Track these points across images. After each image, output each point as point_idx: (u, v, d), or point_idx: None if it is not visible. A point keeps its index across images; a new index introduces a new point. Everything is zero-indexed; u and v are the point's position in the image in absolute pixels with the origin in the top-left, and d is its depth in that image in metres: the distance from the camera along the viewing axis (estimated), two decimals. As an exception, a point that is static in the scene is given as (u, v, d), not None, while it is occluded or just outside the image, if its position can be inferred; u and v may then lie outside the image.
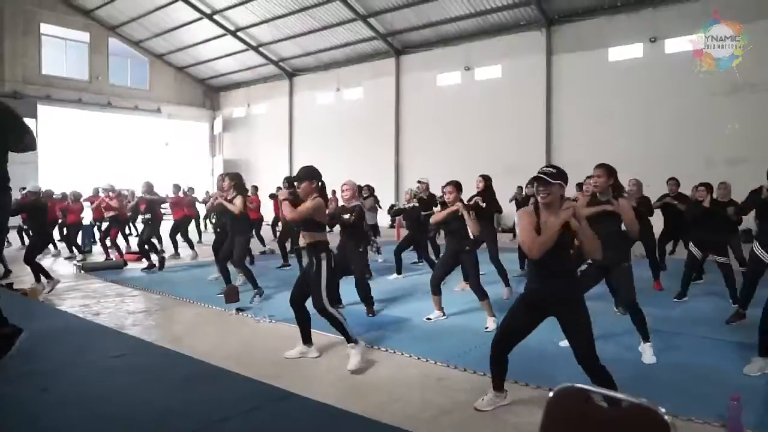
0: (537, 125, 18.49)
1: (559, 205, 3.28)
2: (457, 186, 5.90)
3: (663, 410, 1.36)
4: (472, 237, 5.81)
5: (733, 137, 14.69)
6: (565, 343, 4.91)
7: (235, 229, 7.17)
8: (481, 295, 5.76)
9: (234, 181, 7.29)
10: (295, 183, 4.74)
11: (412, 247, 9.63)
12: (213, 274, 8.71)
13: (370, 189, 11.07)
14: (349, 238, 6.32)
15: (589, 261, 4.74)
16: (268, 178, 19.63)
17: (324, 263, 4.51)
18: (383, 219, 14.40)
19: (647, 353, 4.56)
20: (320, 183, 4.67)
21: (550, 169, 3.33)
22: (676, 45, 16.14)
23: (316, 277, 4.51)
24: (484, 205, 7.39)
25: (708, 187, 6.83)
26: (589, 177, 5.24)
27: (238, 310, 6.42)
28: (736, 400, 3.20)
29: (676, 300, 6.99)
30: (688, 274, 7.04)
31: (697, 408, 3.51)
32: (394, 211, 10.09)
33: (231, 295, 6.43)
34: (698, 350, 4.95)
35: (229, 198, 7.15)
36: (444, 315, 6.09)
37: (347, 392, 3.97)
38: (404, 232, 10.06)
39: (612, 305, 6.07)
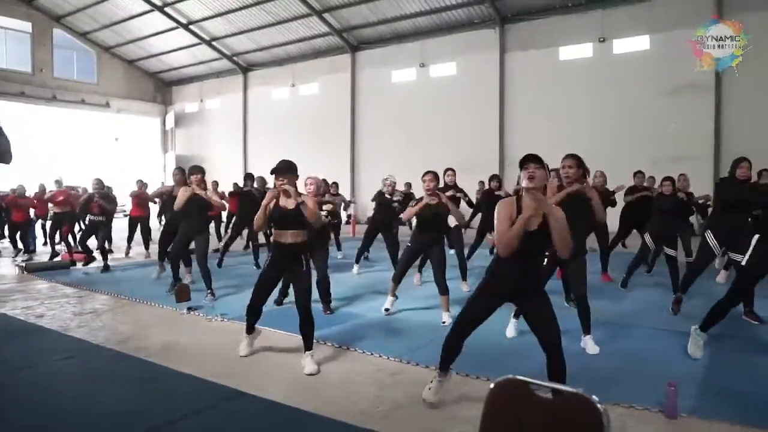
0: (491, 122, 18.78)
1: (541, 193, 3.28)
2: (436, 176, 5.91)
3: (596, 399, 1.41)
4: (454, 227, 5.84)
5: (677, 135, 15.26)
6: (513, 334, 5.03)
7: (196, 227, 6.98)
8: (443, 289, 5.78)
9: (201, 174, 6.98)
10: (280, 176, 4.44)
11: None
12: (156, 271, 8.53)
13: (336, 186, 11.06)
14: (315, 236, 6.25)
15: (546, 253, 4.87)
16: (222, 175, 19.29)
17: (311, 262, 4.45)
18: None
19: (590, 344, 4.69)
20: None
21: (536, 155, 3.31)
22: (623, 45, 16.69)
23: (306, 278, 4.43)
24: (461, 197, 7.53)
25: (671, 180, 7.13)
26: (554, 170, 5.31)
27: (190, 309, 6.30)
28: (673, 387, 3.34)
29: (621, 289, 7.25)
30: (635, 264, 7.28)
31: (639, 395, 3.65)
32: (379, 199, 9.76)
33: (182, 293, 6.30)
34: (643, 340, 5.12)
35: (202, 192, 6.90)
36: (396, 298, 6.14)
37: (301, 390, 3.95)
38: (359, 228, 10.03)
39: (562, 298, 6.23)
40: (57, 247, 11.14)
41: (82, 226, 14.59)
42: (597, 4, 16.84)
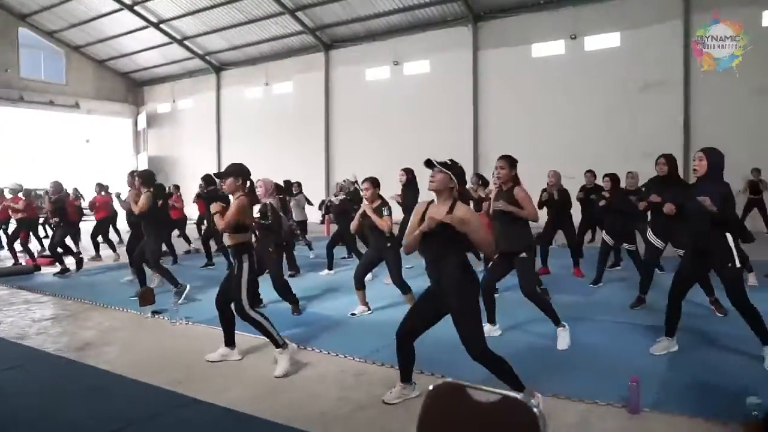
0: (465, 119, 18.80)
1: (449, 195, 3.34)
2: (373, 182, 5.87)
3: (534, 402, 1.36)
4: (388, 234, 5.79)
5: (647, 131, 15.42)
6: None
7: (146, 228, 6.88)
8: (404, 289, 5.78)
9: (141, 178, 6.98)
10: (222, 180, 4.58)
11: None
12: (127, 276, 8.34)
13: (299, 185, 10.96)
14: (262, 237, 6.16)
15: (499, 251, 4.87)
16: (195, 175, 18.99)
17: (245, 266, 4.36)
18: (315, 215, 14.27)
19: (560, 338, 4.67)
20: (248, 181, 4.52)
21: (445, 161, 3.38)
22: (594, 42, 16.83)
23: (237, 281, 4.37)
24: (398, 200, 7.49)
25: (611, 177, 7.32)
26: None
27: (154, 312, 6.15)
28: (635, 382, 3.33)
29: (592, 286, 7.29)
30: (601, 261, 7.33)
31: (603, 390, 3.64)
32: (324, 208, 10.01)
33: (146, 297, 6.15)
34: (610, 335, 5.14)
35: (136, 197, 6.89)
36: (369, 310, 6.06)
37: (263, 393, 3.87)
38: (335, 228, 9.97)
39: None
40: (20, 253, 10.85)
41: (48, 232, 14.34)
42: (568, 1, 16.93)
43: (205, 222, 10.97)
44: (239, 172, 4.46)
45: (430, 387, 1.55)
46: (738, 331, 4.36)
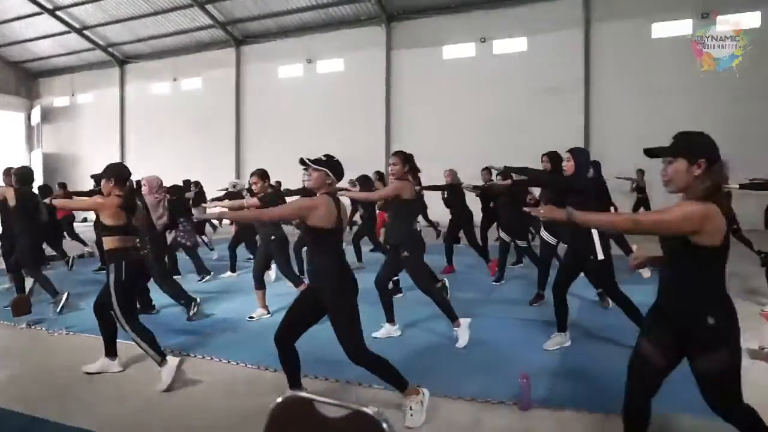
0: (378, 118, 18.87)
1: (323, 190, 3.25)
2: (261, 175, 5.68)
3: (383, 416, 1.23)
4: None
5: (550, 132, 16.04)
6: (378, 334, 4.89)
7: (19, 229, 6.29)
8: (295, 281, 5.88)
9: (16, 176, 6.36)
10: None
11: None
12: (4, 283, 7.60)
13: (197, 184, 10.57)
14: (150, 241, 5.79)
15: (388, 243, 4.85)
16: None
17: (112, 275, 4.00)
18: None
19: (462, 335, 4.66)
20: (123, 182, 4.17)
21: (320, 157, 3.29)
22: (502, 46, 17.36)
23: (107, 290, 4.02)
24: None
25: (488, 170, 7.70)
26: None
27: (30, 323, 5.61)
28: (525, 379, 3.33)
29: (494, 283, 7.41)
30: (501, 258, 7.48)
31: (497, 388, 3.62)
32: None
33: (20, 306, 5.59)
34: (508, 331, 5.18)
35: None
36: (268, 313, 5.83)
37: (141, 408, 3.57)
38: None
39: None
40: None
41: None
42: (479, 5, 17.38)
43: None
44: (111, 172, 4.18)
45: (278, 399, 1.40)
46: (623, 322, 4.50)
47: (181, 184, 10.22)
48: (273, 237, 5.77)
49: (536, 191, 7.08)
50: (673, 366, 2.32)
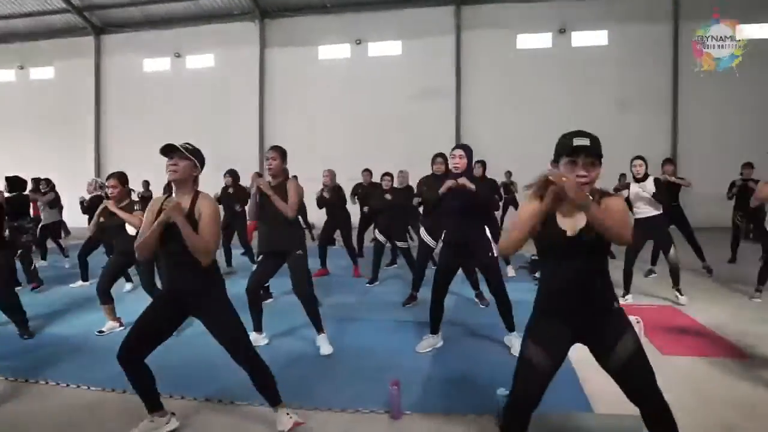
0: (251, 117, 18.27)
1: (192, 185, 2.92)
2: (120, 179, 5.18)
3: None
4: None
5: (425, 135, 16.47)
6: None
7: None
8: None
9: None
10: None
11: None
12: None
13: (48, 182, 9.50)
14: None
15: (265, 251, 4.55)
16: None
17: None
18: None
19: (324, 345, 4.48)
20: None
21: (186, 144, 2.94)
22: (378, 49, 17.53)
23: None
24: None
25: (369, 171, 7.59)
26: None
27: None
28: (395, 386, 3.24)
29: (368, 285, 7.36)
30: (376, 260, 7.45)
31: (369, 396, 3.47)
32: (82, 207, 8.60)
33: None
34: (380, 335, 5.04)
35: None
36: (121, 325, 5.29)
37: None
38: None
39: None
40: None
41: None
42: (353, 7, 17.40)
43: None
44: None
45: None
46: (497, 320, 4.58)
47: (30, 182, 9.07)
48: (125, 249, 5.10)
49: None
50: (557, 368, 2.27)
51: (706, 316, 5.50)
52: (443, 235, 4.55)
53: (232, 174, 8.42)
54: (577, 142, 2.15)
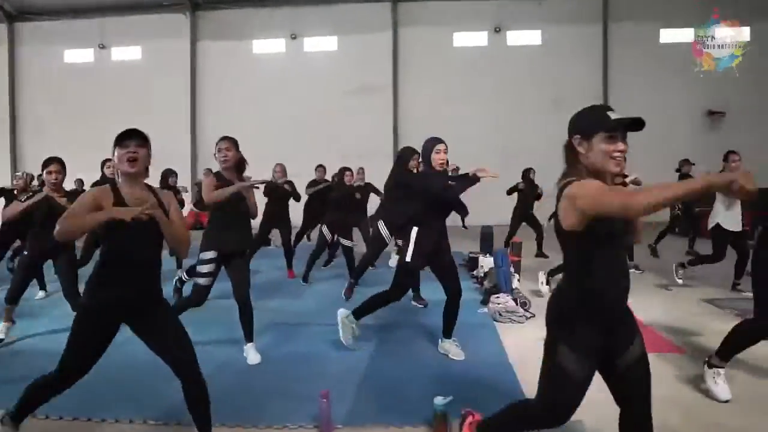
0: (183, 112, 17.58)
1: (142, 176, 2.59)
2: (63, 164, 4.80)
3: None
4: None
5: (363, 132, 16.31)
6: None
7: None
8: (74, 306, 4.55)
9: None
10: None
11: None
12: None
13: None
14: None
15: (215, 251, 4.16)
16: None
17: None
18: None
19: (251, 354, 4.19)
20: None
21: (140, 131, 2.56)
22: (313, 44, 17.21)
23: None
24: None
25: (323, 168, 7.87)
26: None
27: None
28: (325, 398, 2.99)
29: (303, 284, 7.13)
30: (314, 255, 7.21)
31: (299, 409, 3.22)
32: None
33: None
34: (312, 339, 4.76)
35: None
36: (12, 322, 4.80)
37: None
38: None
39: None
40: None
41: None
42: (288, 1, 17.01)
43: None
44: None
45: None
46: (432, 321, 4.43)
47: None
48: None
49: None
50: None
51: (640, 312, 5.54)
52: (422, 242, 4.13)
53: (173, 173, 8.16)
54: (622, 117, 1.94)
